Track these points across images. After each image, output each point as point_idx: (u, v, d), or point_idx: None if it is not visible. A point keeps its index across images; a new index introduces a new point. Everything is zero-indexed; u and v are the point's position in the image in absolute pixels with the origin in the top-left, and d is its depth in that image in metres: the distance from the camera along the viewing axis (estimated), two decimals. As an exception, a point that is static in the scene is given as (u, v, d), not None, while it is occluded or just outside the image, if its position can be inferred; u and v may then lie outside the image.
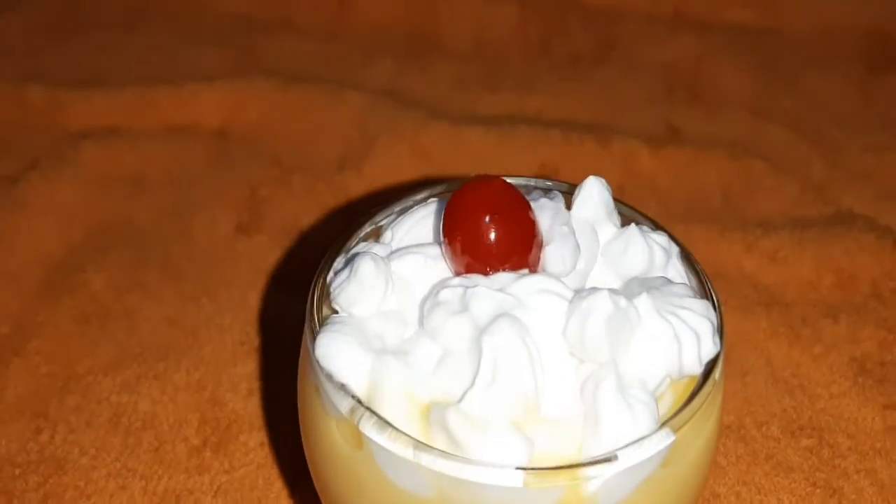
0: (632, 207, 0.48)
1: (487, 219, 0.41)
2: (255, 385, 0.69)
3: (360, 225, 0.47)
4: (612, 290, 0.39)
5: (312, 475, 0.45)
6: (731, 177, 0.89)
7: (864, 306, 0.75)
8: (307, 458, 0.44)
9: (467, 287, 0.40)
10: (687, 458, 0.39)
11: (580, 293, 0.40)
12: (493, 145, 0.91)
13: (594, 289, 0.40)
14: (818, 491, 0.62)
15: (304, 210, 0.86)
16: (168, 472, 0.63)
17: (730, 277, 0.78)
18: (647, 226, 0.47)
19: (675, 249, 0.45)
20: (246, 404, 0.68)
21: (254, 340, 0.73)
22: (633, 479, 0.37)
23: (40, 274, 0.79)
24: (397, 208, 0.49)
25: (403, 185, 0.86)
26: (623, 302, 0.38)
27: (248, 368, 0.71)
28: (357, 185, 0.88)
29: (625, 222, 0.47)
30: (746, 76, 1.04)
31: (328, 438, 0.40)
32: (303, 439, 0.44)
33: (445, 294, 0.40)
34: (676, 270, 0.45)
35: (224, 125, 0.96)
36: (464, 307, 0.39)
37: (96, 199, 0.87)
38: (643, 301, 0.39)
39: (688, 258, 0.46)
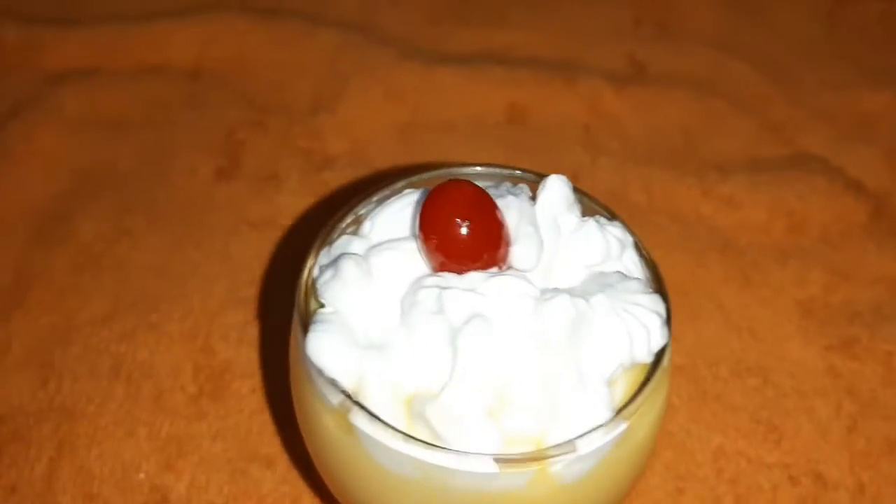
0: (591, 198, 0.52)
1: (459, 222, 0.45)
2: (244, 333, 0.74)
3: (342, 217, 0.51)
4: (571, 294, 0.44)
5: (308, 447, 0.50)
6: (692, 117, 0.92)
7: (812, 250, 0.80)
8: (302, 433, 0.49)
9: (442, 288, 0.44)
10: (637, 439, 0.45)
11: (544, 294, 0.44)
12: (465, 85, 0.94)
13: (556, 291, 0.44)
14: (761, 428, 0.68)
15: (280, 154, 0.89)
16: (169, 418, 0.69)
17: (687, 221, 0.83)
18: (604, 216, 0.51)
19: (629, 240, 0.50)
20: (237, 352, 0.73)
21: (239, 289, 0.77)
22: (590, 460, 0.43)
23: (31, 223, 0.82)
24: (375, 198, 0.52)
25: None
26: (581, 304, 0.43)
27: (236, 318, 0.75)
28: (332, 128, 0.91)
29: (585, 211, 0.51)
30: (714, 6, 1.06)
31: (321, 423, 0.46)
32: (297, 417, 0.49)
33: (422, 295, 0.45)
34: (630, 259, 0.49)
35: (197, 64, 0.97)
36: (440, 308, 0.44)
37: (78, 144, 0.89)
38: (600, 301, 0.44)
39: (639, 248, 0.50)
